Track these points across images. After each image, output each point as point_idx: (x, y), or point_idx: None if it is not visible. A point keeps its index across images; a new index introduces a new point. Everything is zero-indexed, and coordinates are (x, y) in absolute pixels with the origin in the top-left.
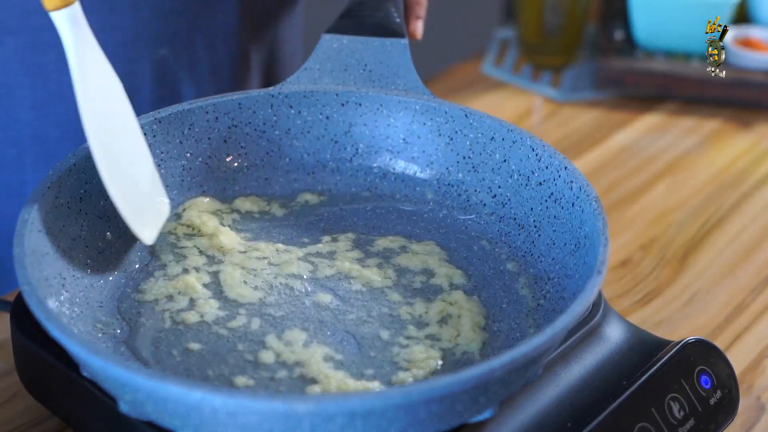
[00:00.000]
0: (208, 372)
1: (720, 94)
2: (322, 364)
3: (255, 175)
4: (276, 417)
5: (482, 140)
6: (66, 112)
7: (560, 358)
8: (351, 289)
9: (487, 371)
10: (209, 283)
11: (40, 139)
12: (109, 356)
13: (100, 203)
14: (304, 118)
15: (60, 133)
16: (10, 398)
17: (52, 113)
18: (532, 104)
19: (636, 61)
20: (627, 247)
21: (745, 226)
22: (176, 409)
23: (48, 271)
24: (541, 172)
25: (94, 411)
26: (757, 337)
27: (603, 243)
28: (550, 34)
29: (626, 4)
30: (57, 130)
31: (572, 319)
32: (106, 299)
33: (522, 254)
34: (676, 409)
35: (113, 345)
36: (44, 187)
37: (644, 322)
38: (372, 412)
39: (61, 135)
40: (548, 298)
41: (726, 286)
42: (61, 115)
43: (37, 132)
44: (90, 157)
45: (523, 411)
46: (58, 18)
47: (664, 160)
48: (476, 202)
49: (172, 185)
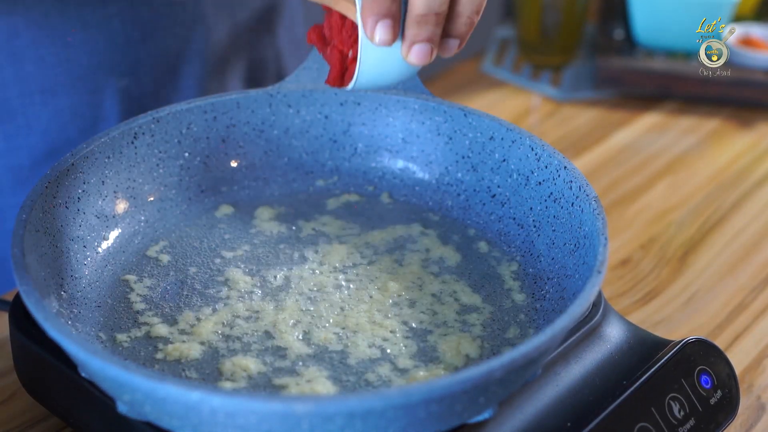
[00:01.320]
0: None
1: (720, 93)
2: (332, 338)
3: (253, 174)
4: (275, 417)
5: (481, 139)
6: (35, 143)
7: (560, 358)
8: (345, 292)
9: (486, 372)
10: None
11: (13, 168)
12: (108, 357)
13: (98, 203)
14: (302, 118)
15: (31, 162)
16: (9, 398)
17: (23, 144)
18: (532, 103)
19: (636, 61)
20: (627, 247)
21: (745, 225)
22: (175, 409)
23: (46, 272)
24: (540, 171)
25: (92, 411)
26: (757, 337)
27: (602, 243)
28: (550, 33)
29: (626, 3)
30: (28, 160)
31: (572, 319)
32: (104, 299)
33: (521, 254)
34: (677, 409)
35: (111, 345)
36: (42, 186)
37: (644, 322)
38: (371, 412)
39: (32, 163)
40: (548, 298)
41: (726, 285)
42: (32, 146)
43: (10, 162)
44: (88, 156)
45: (523, 411)
46: None
47: (663, 160)
48: (475, 201)
49: (170, 185)
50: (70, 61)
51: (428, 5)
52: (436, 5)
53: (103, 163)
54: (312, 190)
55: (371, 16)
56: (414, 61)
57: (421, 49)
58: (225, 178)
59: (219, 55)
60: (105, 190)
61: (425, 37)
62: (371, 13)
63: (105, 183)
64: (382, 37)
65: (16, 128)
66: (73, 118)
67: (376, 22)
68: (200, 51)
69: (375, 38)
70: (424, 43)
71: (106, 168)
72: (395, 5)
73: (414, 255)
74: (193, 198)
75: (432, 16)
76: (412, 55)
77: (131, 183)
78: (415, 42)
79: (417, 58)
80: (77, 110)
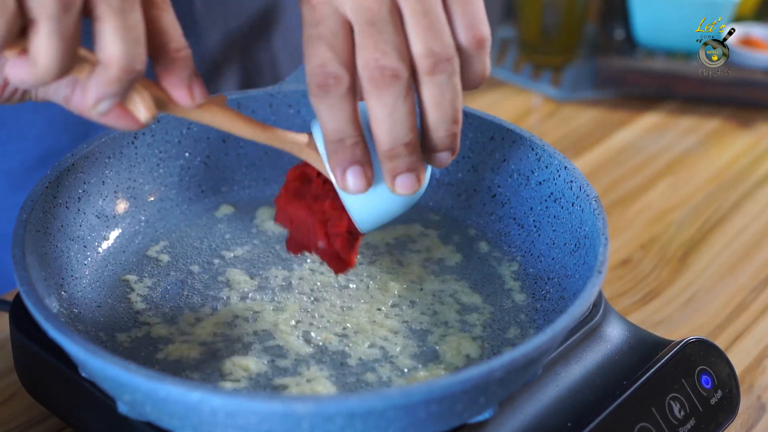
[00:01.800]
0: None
1: (720, 93)
2: (334, 338)
3: (254, 174)
4: (275, 417)
5: (482, 139)
6: (28, 148)
7: (560, 358)
8: (345, 292)
9: (486, 372)
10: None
11: (8, 172)
12: (108, 357)
13: (99, 203)
14: (303, 118)
15: (25, 167)
16: (9, 398)
17: (16, 149)
18: (532, 103)
19: (636, 61)
20: (627, 247)
21: (745, 225)
22: (175, 409)
23: (46, 272)
24: (540, 171)
25: (93, 411)
26: (757, 337)
27: (603, 243)
28: (550, 33)
29: (626, 3)
30: (21, 165)
31: (572, 320)
32: (105, 299)
33: (522, 254)
34: (677, 409)
35: (111, 345)
36: (42, 186)
37: (644, 322)
38: (371, 412)
39: (27, 167)
40: (548, 298)
41: (726, 285)
42: (25, 151)
43: (5, 166)
44: (89, 156)
45: (523, 411)
46: None
47: (664, 160)
48: (476, 201)
49: (170, 185)
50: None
51: (392, 138)
52: (401, 135)
53: (103, 163)
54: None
55: (337, 167)
56: (402, 193)
57: (404, 180)
58: (225, 178)
59: (212, 63)
60: (105, 190)
61: (403, 169)
62: (336, 164)
63: (105, 183)
64: (355, 185)
65: (8, 135)
66: (65, 126)
67: (344, 171)
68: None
69: (349, 188)
70: (405, 174)
71: (107, 168)
72: (358, 149)
73: (414, 255)
74: (194, 198)
75: (401, 147)
76: (398, 188)
77: (131, 183)
78: (395, 175)
79: (404, 189)
80: (69, 118)
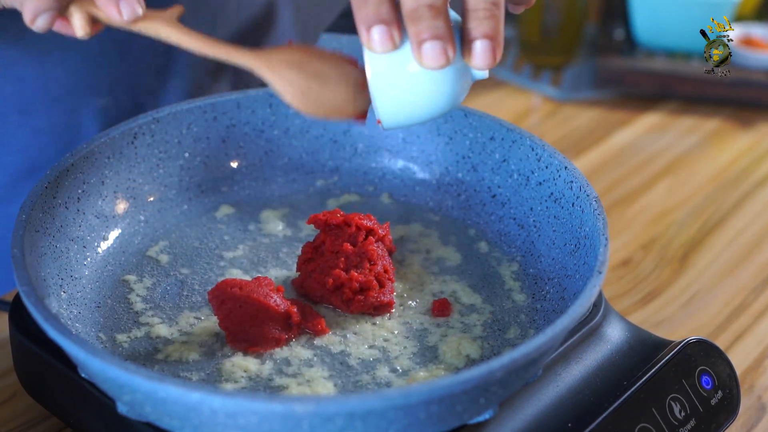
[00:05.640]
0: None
1: (720, 93)
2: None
3: (254, 174)
4: (275, 418)
5: (482, 140)
6: (14, 162)
7: (560, 358)
8: None
9: (486, 372)
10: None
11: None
12: (108, 357)
13: (98, 203)
14: (302, 118)
15: (13, 180)
16: (9, 398)
17: (2, 164)
18: (532, 103)
19: (636, 61)
20: (627, 247)
21: (745, 225)
22: (175, 410)
23: (46, 272)
24: (540, 171)
25: (92, 411)
26: (758, 337)
27: (603, 243)
28: (550, 33)
29: (626, 4)
30: (10, 178)
31: (572, 320)
32: (104, 300)
33: (522, 254)
34: (677, 410)
35: (111, 346)
36: (42, 186)
37: (645, 322)
38: (371, 413)
39: (14, 181)
40: (548, 298)
41: (727, 285)
42: (10, 165)
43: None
44: (88, 156)
45: (523, 411)
46: None
47: (664, 160)
48: (476, 202)
49: (170, 185)
50: (47, 81)
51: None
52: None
53: (103, 163)
54: (312, 190)
55: (361, 23)
56: (429, 64)
57: (430, 49)
58: (225, 178)
59: (202, 72)
60: (105, 190)
61: (428, 35)
62: (362, 21)
63: (105, 183)
64: (380, 44)
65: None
66: (51, 138)
67: (368, 28)
68: (181, 69)
69: (374, 47)
70: (431, 41)
71: (106, 168)
72: (384, 7)
73: (414, 255)
74: (193, 198)
75: (424, 9)
76: (423, 57)
77: (131, 183)
78: (420, 42)
79: (429, 60)
80: (55, 130)
